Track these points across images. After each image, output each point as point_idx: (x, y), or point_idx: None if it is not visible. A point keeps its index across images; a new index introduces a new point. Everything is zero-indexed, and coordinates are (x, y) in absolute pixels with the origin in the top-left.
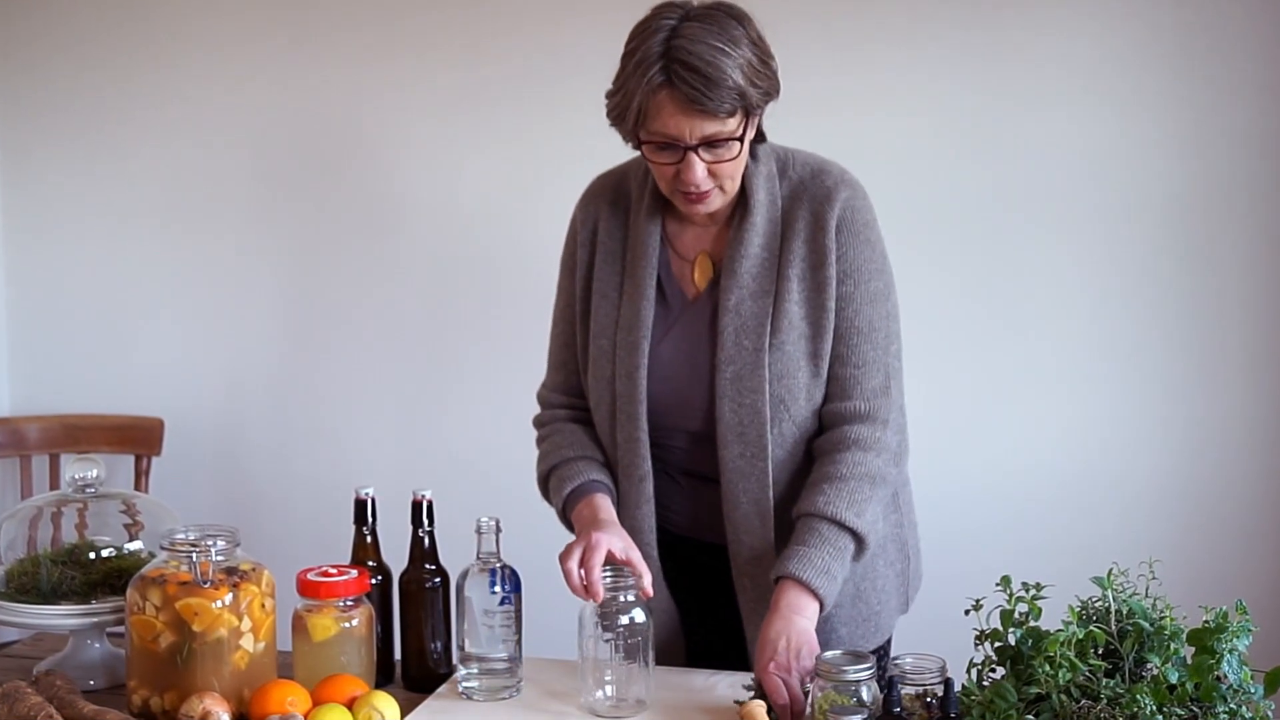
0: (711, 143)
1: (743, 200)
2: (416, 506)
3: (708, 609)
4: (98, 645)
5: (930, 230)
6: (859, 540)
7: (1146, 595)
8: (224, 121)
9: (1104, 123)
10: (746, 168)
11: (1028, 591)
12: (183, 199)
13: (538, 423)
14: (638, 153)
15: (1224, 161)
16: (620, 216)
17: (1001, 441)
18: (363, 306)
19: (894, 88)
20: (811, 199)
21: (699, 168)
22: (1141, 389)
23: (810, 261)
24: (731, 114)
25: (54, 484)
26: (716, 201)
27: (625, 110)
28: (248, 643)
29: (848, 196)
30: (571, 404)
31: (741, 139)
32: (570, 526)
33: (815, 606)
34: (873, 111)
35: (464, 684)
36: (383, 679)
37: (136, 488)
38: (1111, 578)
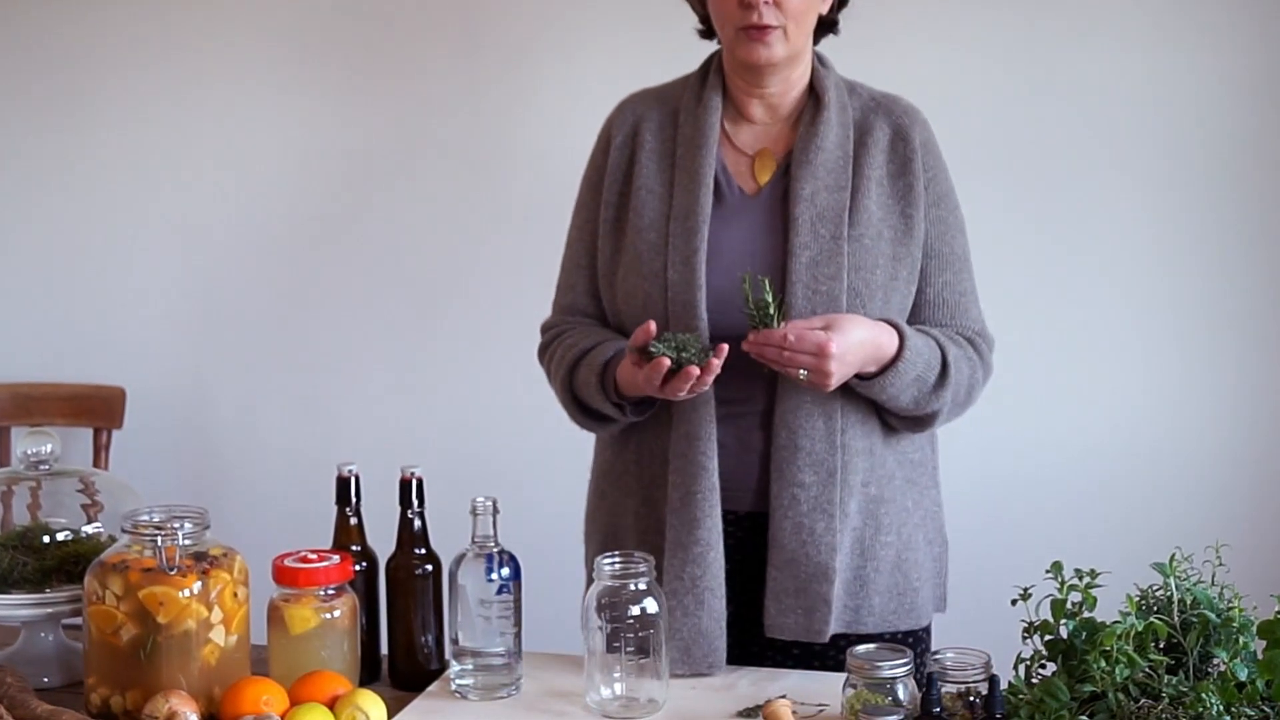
0: None
1: (814, 98)
2: (405, 485)
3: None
4: (52, 638)
5: (983, 179)
6: (941, 382)
7: (1213, 583)
8: (193, 65)
9: (1174, 60)
10: (817, 70)
11: (1081, 579)
12: (146, 145)
13: (541, 349)
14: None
15: None
16: (666, 117)
17: (1055, 413)
18: (346, 264)
19: (945, 23)
20: (889, 113)
21: None
22: (1211, 355)
23: (891, 169)
24: None
25: (4, 460)
26: (779, 49)
27: None
28: (218, 636)
29: (925, 121)
30: (578, 322)
31: None
32: (624, 409)
33: (892, 349)
34: (923, 49)
35: (457, 681)
36: (368, 676)
37: (95, 464)
38: (1174, 564)
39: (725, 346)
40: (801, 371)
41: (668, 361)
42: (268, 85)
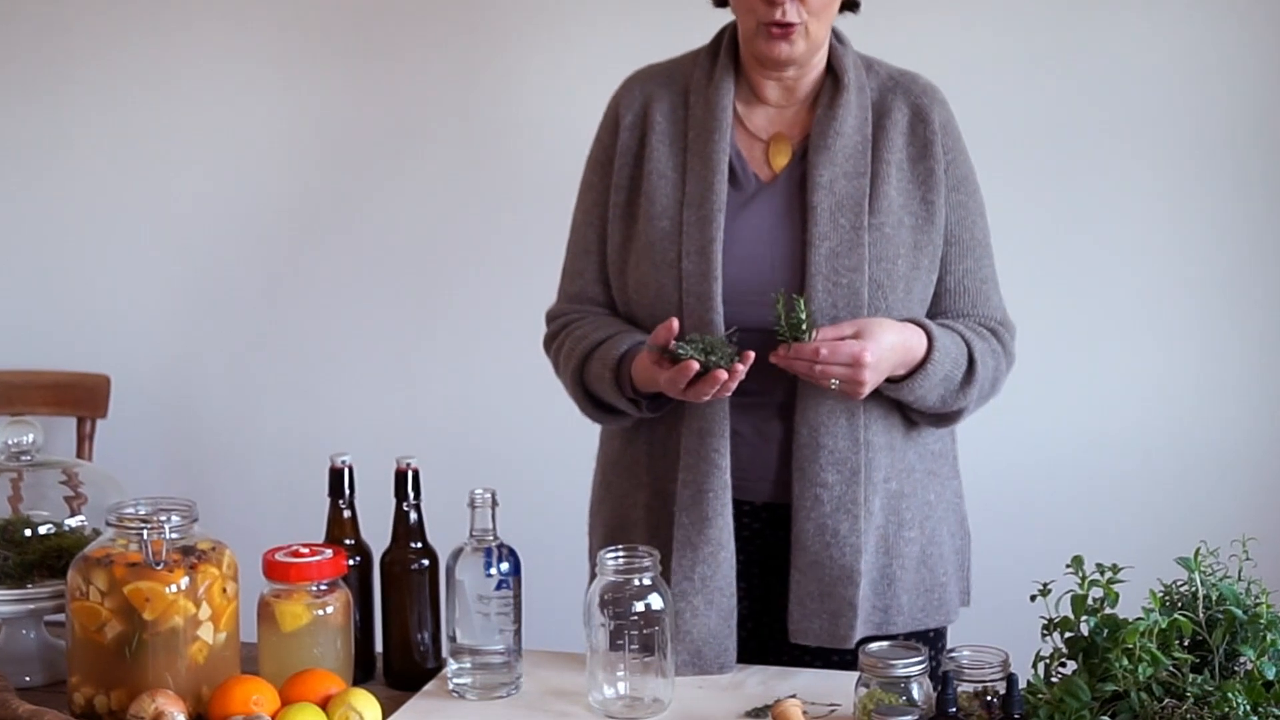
0: None
1: (832, 79)
2: (401, 476)
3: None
4: (34, 635)
5: (996, 155)
6: (968, 378)
7: (1239, 578)
8: (178, 45)
9: (1200, 39)
10: (835, 49)
11: (1103, 574)
12: (130, 126)
13: (548, 339)
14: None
15: None
16: (677, 98)
17: (1074, 401)
18: (338, 248)
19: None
20: (908, 92)
21: None
22: (1237, 344)
23: (910, 153)
24: None
25: None
26: (800, 46)
27: None
28: (206, 633)
29: (944, 100)
30: (588, 312)
31: None
32: (639, 404)
33: (921, 351)
34: (933, 16)
35: (455, 680)
36: (362, 675)
37: (79, 455)
38: (1199, 558)
39: (751, 354)
40: (833, 381)
41: (696, 365)
42: (256, 67)
